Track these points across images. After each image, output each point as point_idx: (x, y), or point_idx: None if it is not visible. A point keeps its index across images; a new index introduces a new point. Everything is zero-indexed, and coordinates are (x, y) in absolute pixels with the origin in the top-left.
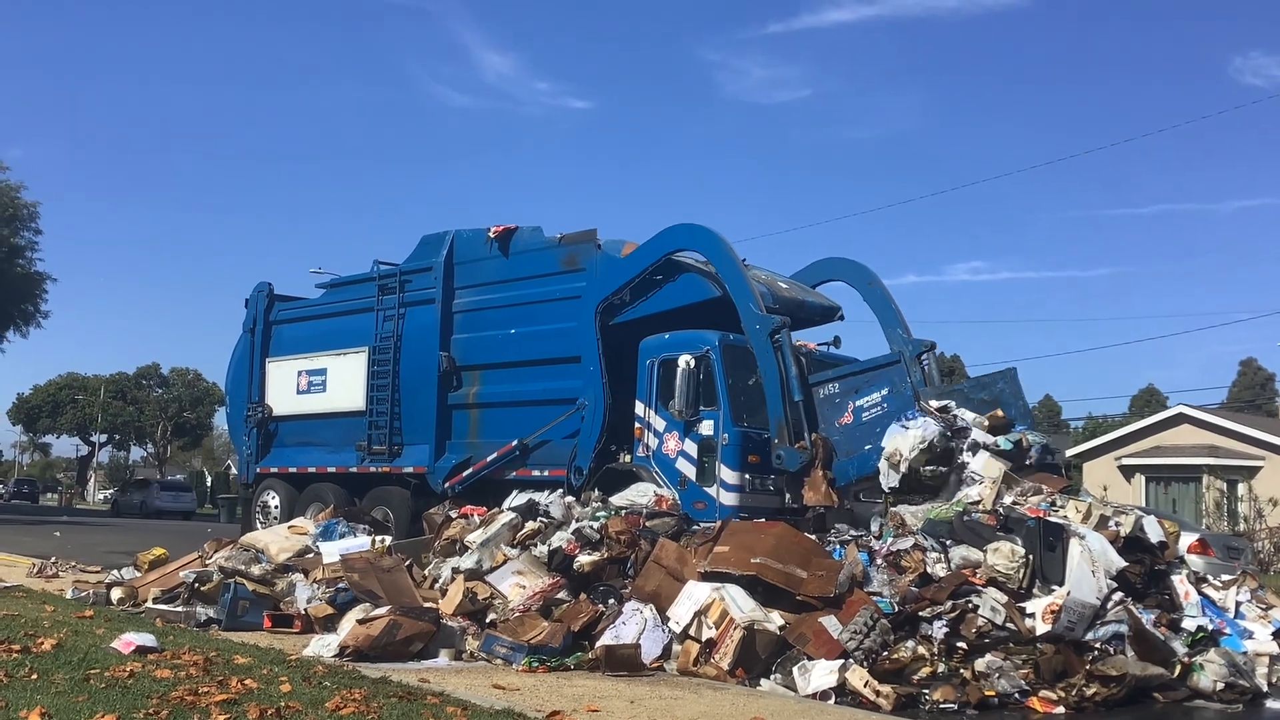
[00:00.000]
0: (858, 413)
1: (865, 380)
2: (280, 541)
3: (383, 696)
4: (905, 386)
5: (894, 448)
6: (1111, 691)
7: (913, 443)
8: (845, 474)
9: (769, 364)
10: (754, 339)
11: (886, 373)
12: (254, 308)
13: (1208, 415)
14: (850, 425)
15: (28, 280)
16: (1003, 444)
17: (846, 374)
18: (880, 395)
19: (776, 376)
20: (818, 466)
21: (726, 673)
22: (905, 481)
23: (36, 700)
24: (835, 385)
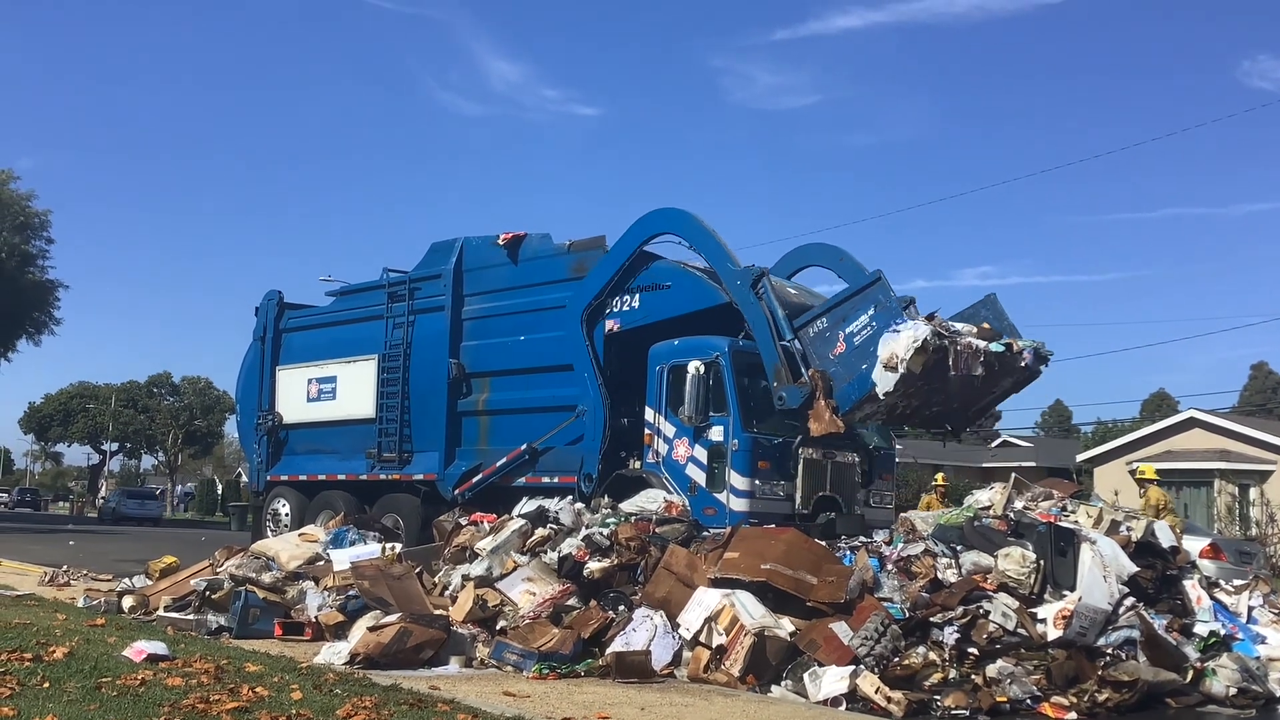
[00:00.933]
0: (849, 339)
1: (851, 306)
2: (291, 549)
3: (394, 704)
4: (890, 301)
5: (889, 352)
6: (1124, 697)
7: (906, 343)
8: (847, 399)
9: (756, 314)
10: (737, 295)
11: (870, 293)
12: (264, 316)
13: (1219, 419)
14: (844, 353)
15: (40, 288)
16: (995, 348)
17: (832, 305)
18: (868, 316)
19: (765, 323)
20: (819, 398)
21: (737, 679)
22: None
23: (49, 708)
24: (823, 320)
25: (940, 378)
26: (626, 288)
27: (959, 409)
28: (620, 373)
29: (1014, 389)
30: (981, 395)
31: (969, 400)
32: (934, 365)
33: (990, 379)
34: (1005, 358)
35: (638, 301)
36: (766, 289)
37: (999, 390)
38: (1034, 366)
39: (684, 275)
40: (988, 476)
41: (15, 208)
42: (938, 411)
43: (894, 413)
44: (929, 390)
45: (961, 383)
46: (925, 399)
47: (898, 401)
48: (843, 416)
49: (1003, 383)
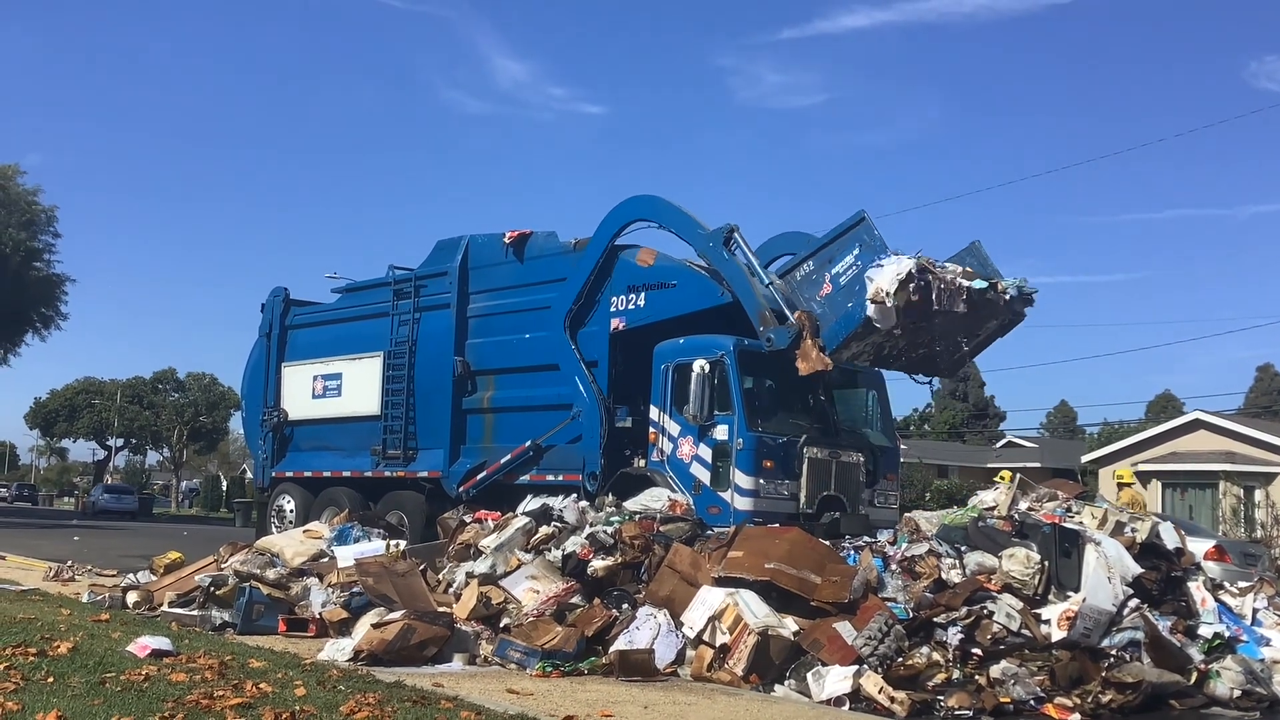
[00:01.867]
0: (835, 280)
1: (836, 248)
2: (295, 546)
3: (397, 701)
4: (875, 239)
5: (875, 287)
6: (1128, 698)
7: (891, 276)
8: (835, 336)
9: (733, 270)
10: (711, 256)
11: (855, 233)
12: (270, 313)
13: (1224, 421)
14: (831, 293)
15: (46, 284)
16: (978, 285)
17: (817, 249)
18: (853, 256)
19: (743, 275)
20: (806, 337)
21: (740, 678)
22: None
23: (53, 703)
24: (809, 263)
25: (925, 314)
26: (608, 288)
27: (945, 351)
28: (626, 371)
29: (1000, 332)
30: (968, 337)
31: (955, 343)
32: (919, 300)
33: (975, 320)
34: (989, 296)
35: (643, 300)
36: (738, 243)
37: (984, 333)
38: (1018, 308)
39: (689, 274)
40: (993, 477)
41: (22, 203)
42: (924, 354)
43: (881, 353)
44: (915, 329)
45: (946, 322)
46: (911, 339)
47: (884, 341)
48: (831, 355)
49: (988, 325)
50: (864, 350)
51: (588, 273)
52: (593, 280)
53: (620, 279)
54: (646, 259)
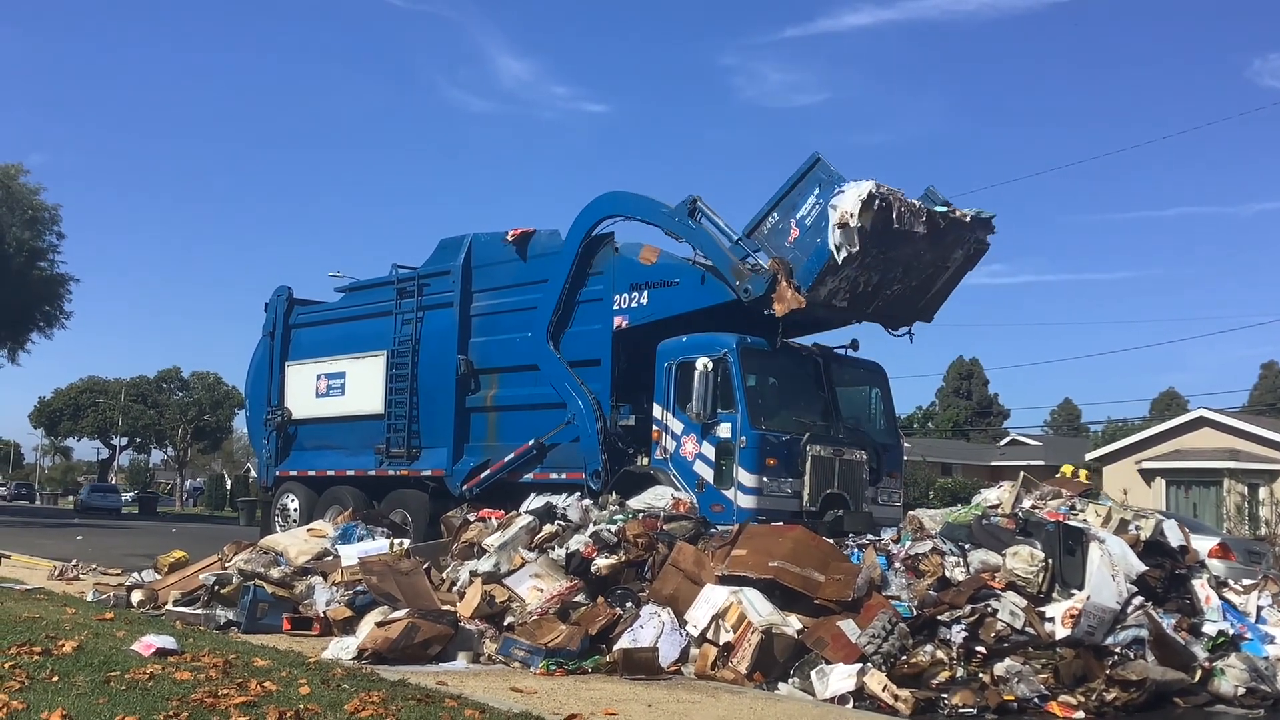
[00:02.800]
0: (801, 223)
1: (798, 193)
2: (299, 544)
3: (401, 699)
4: (833, 176)
5: (840, 212)
6: (1132, 696)
7: (853, 198)
8: (809, 274)
9: (701, 237)
10: (678, 229)
11: (812, 175)
12: (273, 311)
13: (1229, 419)
14: (799, 237)
15: (49, 283)
16: (937, 208)
17: (779, 199)
18: (814, 197)
19: (712, 240)
20: (781, 280)
21: (744, 676)
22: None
23: (58, 702)
24: (774, 215)
25: (891, 242)
26: (590, 288)
27: (919, 288)
28: (629, 369)
29: (967, 264)
30: (936, 271)
31: (926, 277)
32: (881, 224)
33: (940, 248)
34: (949, 217)
35: (646, 298)
36: (702, 211)
37: (952, 264)
38: (980, 234)
39: (692, 271)
40: (996, 475)
41: (25, 202)
42: (898, 292)
43: (856, 290)
44: (884, 260)
45: (912, 249)
46: (883, 272)
47: (857, 274)
48: (807, 294)
49: (954, 255)
50: (839, 287)
51: (564, 277)
52: (569, 285)
53: (622, 277)
54: (649, 257)
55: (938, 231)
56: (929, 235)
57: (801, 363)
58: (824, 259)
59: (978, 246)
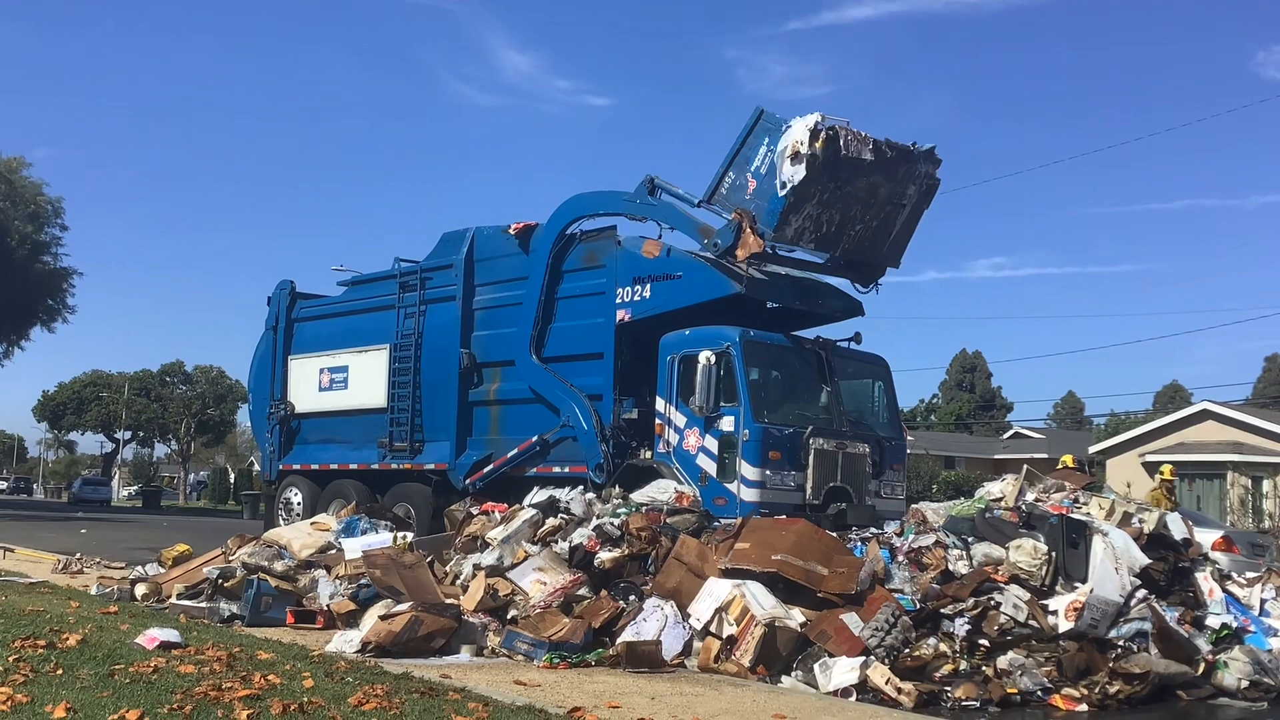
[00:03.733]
0: (757, 174)
1: (748, 148)
2: (303, 538)
3: (405, 692)
4: (778, 124)
5: (790, 142)
6: (1135, 689)
7: (800, 129)
8: (771, 216)
9: (663, 211)
10: (641, 210)
11: (760, 127)
12: (276, 305)
13: (1232, 411)
14: (757, 187)
15: (52, 277)
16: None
17: (731, 158)
18: (765, 147)
19: (675, 210)
20: (745, 229)
21: (747, 669)
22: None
23: (62, 695)
24: (730, 174)
25: (843, 173)
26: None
27: (880, 229)
28: (632, 362)
29: (922, 202)
30: (894, 209)
31: (886, 216)
32: (830, 153)
33: (894, 185)
34: (894, 145)
35: (649, 291)
36: (661, 186)
37: (908, 201)
38: (929, 168)
39: (695, 265)
40: (1000, 468)
41: (28, 196)
42: (861, 232)
43: (821, 231)
44: (842, 196)
45: (866, 184)
46: (843, 210)
47: (819, 212)
48: (774, 237)
49: (907, 191)
50: (804, 226)
51: (539, 287)
52: (545, 296)
53: (625, 270)
54: (652, 250)
55: (887, 162)
56: (878, 165)
57: (804, 356)
58: (782, 204)
59: (929, 182)
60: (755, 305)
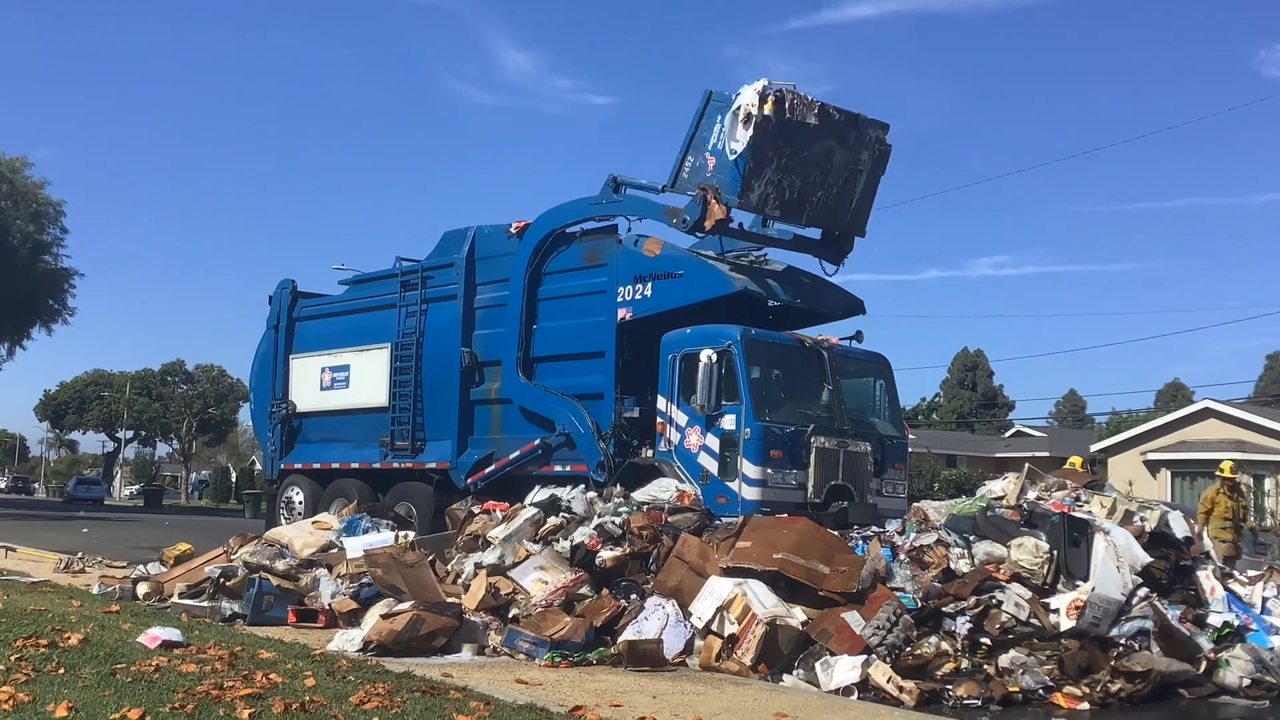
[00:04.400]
0: (715, 151)
1: (703, 129)
2: (304, 537)
3: (406, 691)
4: (729, 101)
5: (741, 107)
6: (1137, 687)
7: (750, 94)
8: (734, 184)
9: (630, 204)
10: (608, 209)
11: (712, 108)
12: (277, 304)
13: (1234, 410)
14: (717, 163)
15: (53, 277)
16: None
17: (689, 142)
18: (719, 126)
19: (642, 201)
20: (711, 201)
21: (749, 668)
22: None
23: (64, 694)
24: (689, 158)
25: (794, 136)
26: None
27: (840, 196)
28: (634, 361)
29: (877, 168)
30: (851, 174)
31: (845, 183)
32: (778, 115)
33: (848, 150)
34: (840, 109)
35: (650, 290)
36: (624, 182)
37: (864, 167)
38: (879, 134)
39: (696, 263)
40: (1001, 467)
41: (29, 196)
42: (823, 198)
43: (785, 197)
44: (799, 161)
45: (822, 150)
46: (802, 175)
47: (780, 177)
48: (740, 203)
49: (861, 156)
50: (767, 194)
51: (519, 310)
52: (525, 316)
53: (626, 269)
54: (653, 249)
55: (837, 125)
56: (829, 129)
57: (806, 355)
58: (742, 169)
59: (881, 148)
60: (756, 304)
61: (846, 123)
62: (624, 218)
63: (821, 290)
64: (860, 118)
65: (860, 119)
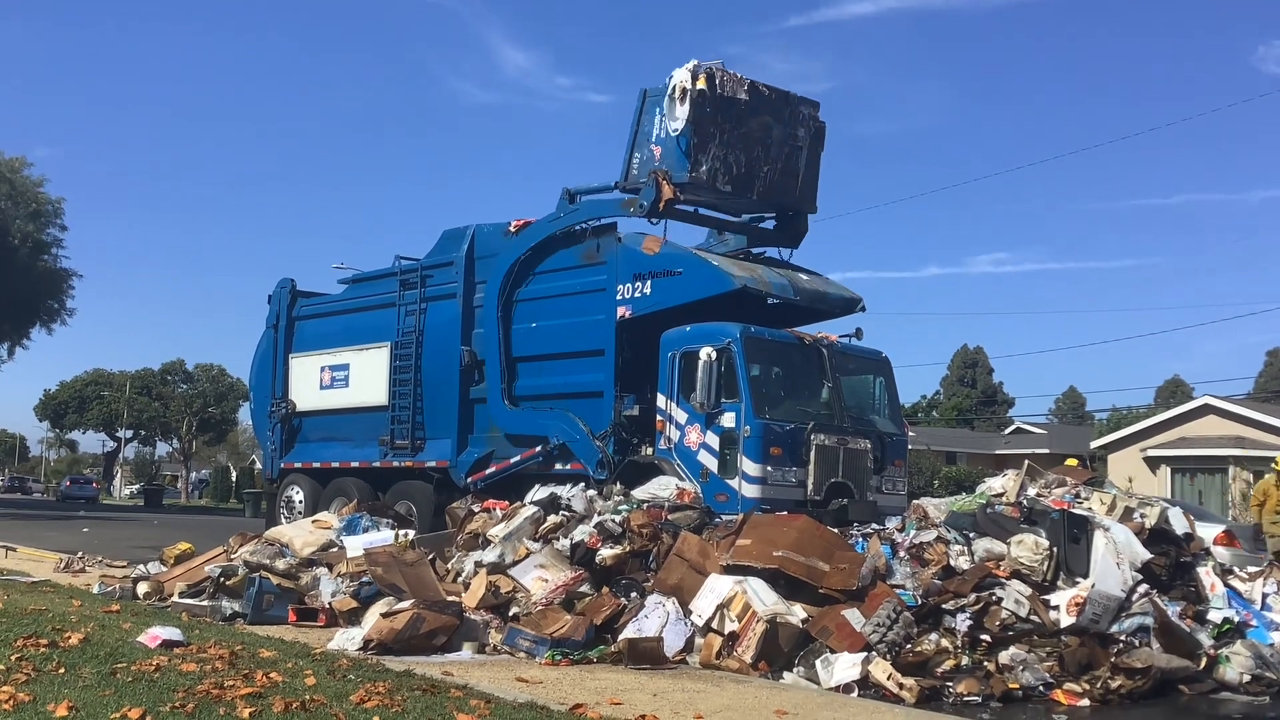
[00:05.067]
0: (659, 140)
1: (645, 124)
2: (305, 536)
3: (407, 690)
4: (663, 91)
5: (675, 86)
6: (1137, 684)
7: (682, 72)
8: (681, 162)
9: (589, 208)
10: (565, 222)
11: (649, 103)
12: (277, 304)
13: (1234, 406)
14: (662, 151)
15: (53, 276)
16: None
17: (631, 141)
18: (657, 118)
19: (598, 203)
20: (663, 183)
21: (749, 666)
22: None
23: (64, 694)
24: (636, 154)
25: (729, 113)
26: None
27: (786, 173)
28: (633, 359)
29: (815, 144)
30: (792, 151)
31: (787, 160)
32: (710, 90)
33: (785, 127)
34: (770, 86)
35: (649, 288)
36: (578, 191)
37: (802, 143)
38: (812, 112)
39: (695, 261)
40: (1001, 464)
41: (28, 195)
42: (769, 174)
43: (733, 172)
44: (741, 138)
45: (760, 126)
46: (746, 151)
47: (725, 152)
48: (690, 179)
49: (799, 133)
50: (715, 168)
51: (496, 342)
52: (503, 349)
53: (625, 267)
54: (652, 247)
55: (768, 102)
56: (763, 105)
57: (806, 352)
58: (686, 141)
59: (815, 125)
60: (756, 301)
61: (778, 100)
62: (583, 224)
63: (821, 288)
64: (790, 95)
65: (790, 96)
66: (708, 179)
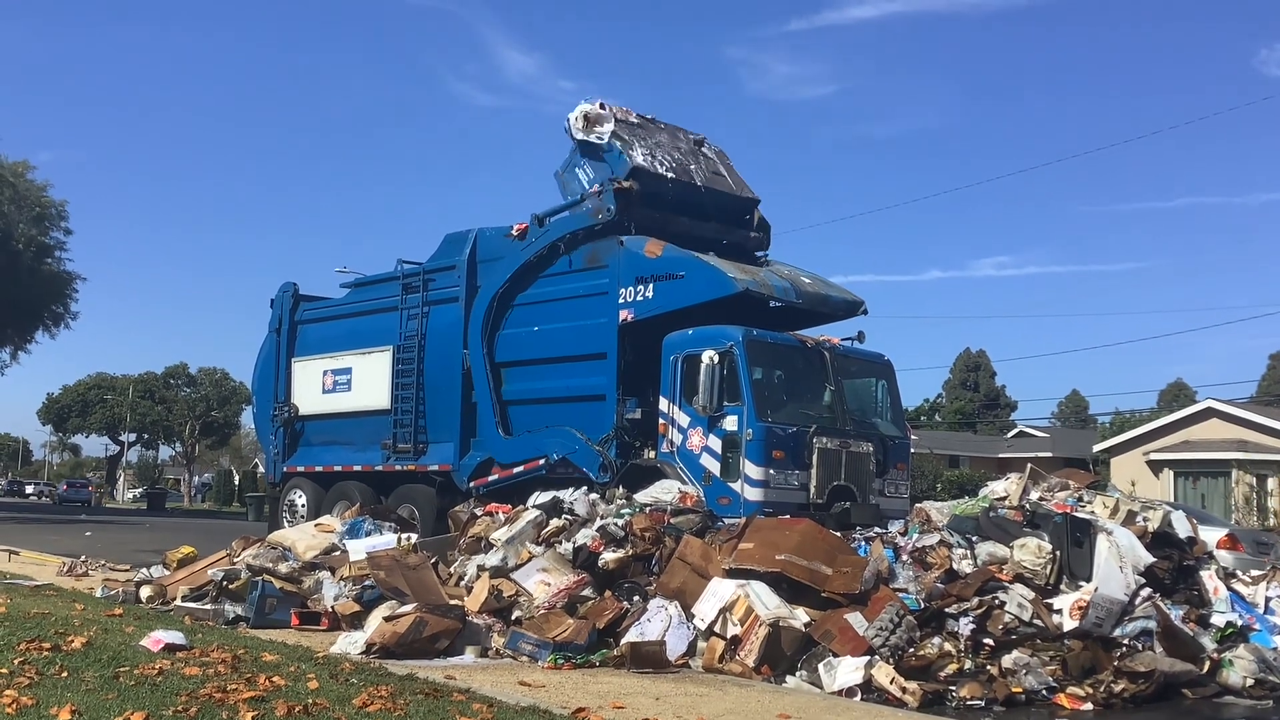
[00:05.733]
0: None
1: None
2: (307, 539)
3: (409, 693)
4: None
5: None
6: (1140, 688)
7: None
8: (619, 158)
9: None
10: (541, 242)
11: (568, 169)
12: (279, 308)
13: (1237, 409)
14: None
15: (57, 280)
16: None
17: (571, 202)
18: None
19: (562, 220)
20: (616, 185)
21: (752, 670)
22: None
23: (67, 698)
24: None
25: (639, 130)
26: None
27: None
28: (636, 362)
29: (722, 157)
30: (707, 160)
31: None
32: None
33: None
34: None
35: (651, 291)
36: (546, 214)
37: (710, 150)
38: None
39: (698, 264)
40: (1004, 467)
41: (32, 198)
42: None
43: (672, 159)
44: (655, 144)
45: (669, 137)
46: (669, 153)
47: (651, 153)
48: (639, 163)
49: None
50: (654, 154)
51: (485, 378)
52: (492, 380)
53: (628, 271)
54: (654, 250)
55: (655, 126)
56: (654, 127)
57: (808, 355)
58: (616, 144)
59: (714, 148)
60: (758, 305)
61: (670, 127)
62: (558, 243)
63: (823, 290)
64: (677, 128)
65: (678, 129)
66: (647, 164)
